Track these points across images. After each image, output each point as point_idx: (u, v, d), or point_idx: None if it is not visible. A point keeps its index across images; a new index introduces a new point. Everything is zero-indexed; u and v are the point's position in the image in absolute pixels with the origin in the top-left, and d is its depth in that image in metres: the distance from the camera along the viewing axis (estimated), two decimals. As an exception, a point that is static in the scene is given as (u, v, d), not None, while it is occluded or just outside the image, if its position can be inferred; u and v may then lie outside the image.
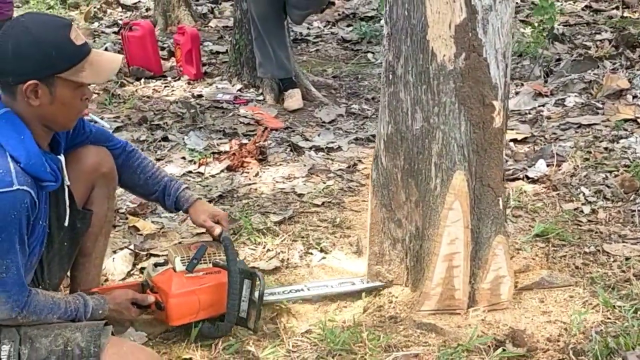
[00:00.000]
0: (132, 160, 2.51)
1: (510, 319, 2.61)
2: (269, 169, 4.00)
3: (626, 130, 4.29)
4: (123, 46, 5.82)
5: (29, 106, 2.02)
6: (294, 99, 5.04)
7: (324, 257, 3.06)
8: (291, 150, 4.25)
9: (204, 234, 3.20)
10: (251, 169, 3.95)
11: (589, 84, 5.08)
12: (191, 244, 2.60)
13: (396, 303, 2.68)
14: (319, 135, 4.52)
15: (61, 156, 2.20)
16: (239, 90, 5.32)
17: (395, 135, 2.64)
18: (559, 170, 3.84)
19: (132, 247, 3.08)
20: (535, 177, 3.79)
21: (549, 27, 5.81)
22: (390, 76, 2.61)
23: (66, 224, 2.24)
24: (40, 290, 2.16)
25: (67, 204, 2.23)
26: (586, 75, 5.21)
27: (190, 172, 3.96)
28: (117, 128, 4.46)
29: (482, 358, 2.41)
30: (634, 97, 4.75)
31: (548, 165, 3.89)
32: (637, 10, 6.89)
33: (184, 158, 4.14)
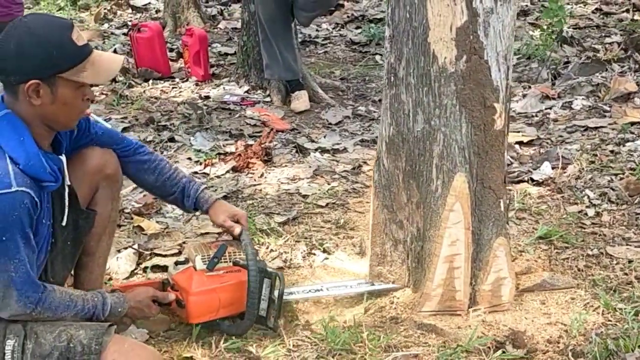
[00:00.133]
0: (148, 161, 2.51)
1: (511, 321, 2.62)
2: (274, 170, 4.01)
3: (633, 133, 4.28)
4: (132, 47, 5.85)
5: (30, 106, 2.05)
6: (300, 100, 5.05)
7: (326, 258, 3.07)
8: (297, 152, 4.26)
9: (207, 234, 3.25)
10: (256, 170, 3.96)
11: (596, 86, 5.06)
12: (211, 242, 2.62)
13: (397, 304, 2.69)
14: (325, 136, 4.53)
15: (62, 156, 2.21)
16: (246, 91, 5.33)
17: (397, 136, 2.65)
18: (564, 172, 3.83)
19: (136, 246, 3.10)
20: (540, 180, 3.79)
21: (558, 29, 5.80)
22: (392, 78, 2.62)
23: (64, 223, 2.25)
24: (58, 287, 2.19)
25: (66, 203, 2.24)
26: (594, 78, 5.19)
27: (196, 172, 3.98)
28: (124, 129, 4.48)
29: (482, 359, 2.41)
30: (642, 100, 4.75)
31: (553, 168, 3.89)
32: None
33: (190, 159, 4.16)
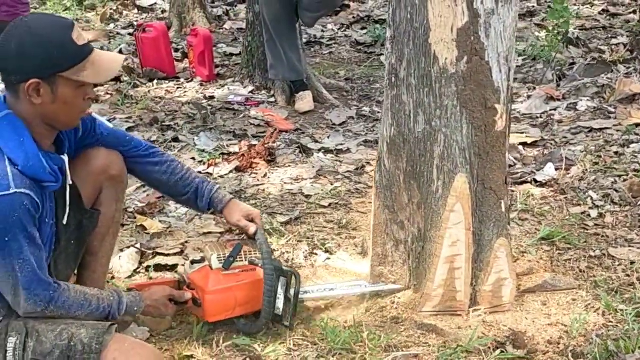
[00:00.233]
0: (159, 163, 2.51)
1: (512, 321, 2.62)
2: (277, 170, 4.01)
3: (637, 134, 4.26)
4: (137, 47, 5.87)
5: (31, 105, 2.06)
6: (305, 101, 5.06)
7: (328, 258, 3.07)
8: (300, 152, 4.26)
9: (210, 233, 3.26)
10: (259, 170, 3.97)
11: (601, 88, 5.04)
12: (227, 241, 2.64)
13: (398, 304, 2.69)
14: (329, 137, 4.54)
15: (65, 156, 2.22)
16: (250, 92, 5.34)
17: (398, 137, 2.65)
18: (567, 174, 3.83)
19: (138, 245, 3.11)
20: (543, 181, 3.78)
21: (564, 30, 5.79)
22: (393, 79, 2.63)
23: (65, 222, 2.26)
24: (73, 286, 2.20)
25: (67, 202, 2.25)
26: (599, 79, 5.17)
27: (199, 172, 3.98)
28: (128, 128, 4.49)
29: (481, 359, 2.41)
30: (647, 101, 4.73)
31: (557, 169, 3.88)
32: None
33: (193, 159, 4.17)
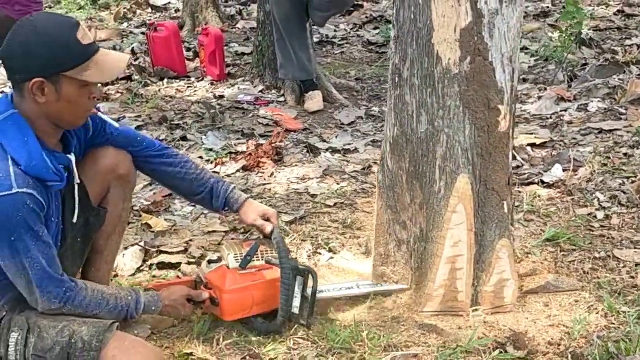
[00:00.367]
0: (172, 163, 2.52)
1: (512, 322, 2.61)
2: (284, 169, 4.03)
3: (647, 136, 4.24)
4: (148, 46, 5.91)
5: (35, 104, 2.08)
6: (314, 100, 5.06)
7: (332, 258, 3.08)
8: (308, 152, 4.27)
9: (215, 232, 3.27)
10: (266, 169, 3.98)
11: (613, 89, 5.01)
12: (244, 241, 2.66)
13: (400, 304, 2.70)
14: (337, 137, 4.54)
15: (71, 155, 2.24)
16: (260, 91, 5.35)
17: (401, 137, 2.65)
18: (575, 175, 3.81)
19: (142, 243, 3.13)
20: (550, 182, 3.76)
21: (577, 31, 5.75)
22: (397, 79, 2.63)
23: (74, 220, 2.28)
24: (90, 285, 2.23)
25: (76, 202, 2.27)
26: (611, 80, 5.13)
27: (208, 171, 4.01)
28: (137, 127, 4.52)
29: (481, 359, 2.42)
30: (659, 103, 4.69)
31: (564, 170, 3.86)
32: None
33: (201, 158, 4.18)
